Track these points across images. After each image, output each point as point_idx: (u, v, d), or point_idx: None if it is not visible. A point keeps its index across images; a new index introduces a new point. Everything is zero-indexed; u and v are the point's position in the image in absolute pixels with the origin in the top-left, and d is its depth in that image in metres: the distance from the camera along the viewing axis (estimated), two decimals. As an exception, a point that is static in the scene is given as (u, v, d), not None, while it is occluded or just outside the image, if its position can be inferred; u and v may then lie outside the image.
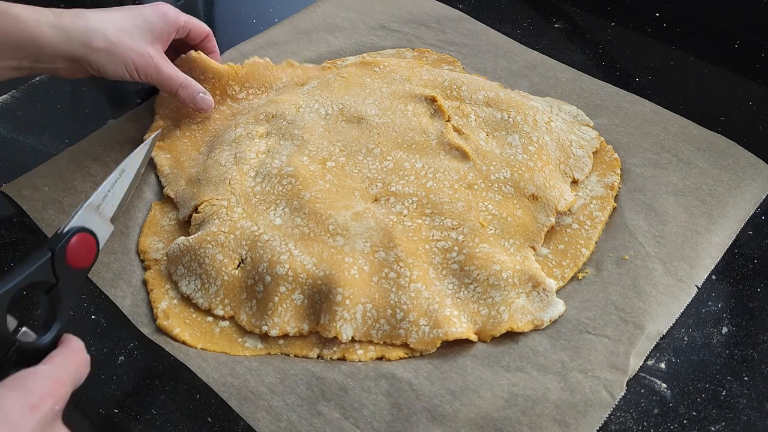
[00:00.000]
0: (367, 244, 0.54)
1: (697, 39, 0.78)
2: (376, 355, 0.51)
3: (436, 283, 0.53)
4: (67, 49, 0.58)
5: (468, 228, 0.55)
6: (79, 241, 0.43)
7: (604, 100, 0.69)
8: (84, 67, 0.60)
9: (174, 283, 0.55)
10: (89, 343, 0.53)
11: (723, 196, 0.60)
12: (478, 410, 0.47)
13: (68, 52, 0.58)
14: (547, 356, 0.50)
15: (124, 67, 0.61)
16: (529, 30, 0.80)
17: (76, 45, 0.58)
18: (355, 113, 0.64)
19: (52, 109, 0.71)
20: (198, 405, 0.49)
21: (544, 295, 0.53)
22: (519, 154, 0.60)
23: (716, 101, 0.71)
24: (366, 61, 0.71)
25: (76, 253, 0.43)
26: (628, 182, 0.61)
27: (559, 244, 0.57)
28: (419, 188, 0.58)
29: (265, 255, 0.54)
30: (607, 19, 0.81)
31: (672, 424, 0.47)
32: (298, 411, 0.48)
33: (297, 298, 0.53)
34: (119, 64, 0.61)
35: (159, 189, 0.63)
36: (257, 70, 0.71)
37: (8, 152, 0.66)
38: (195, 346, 0.52)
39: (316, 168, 0.60)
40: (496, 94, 0.66)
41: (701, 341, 0.52)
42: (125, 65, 0.61)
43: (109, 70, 0.61)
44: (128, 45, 0.61)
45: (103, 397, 0.50)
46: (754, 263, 0.57)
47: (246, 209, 0.57)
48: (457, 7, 0.82)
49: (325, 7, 0.82)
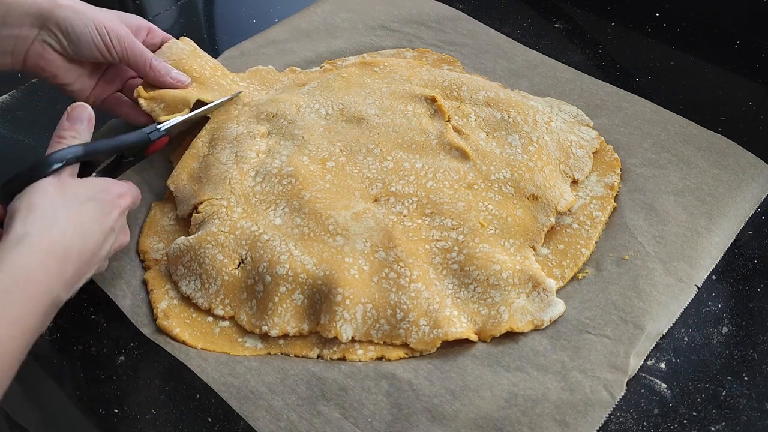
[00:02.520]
0: (367, 244, 0.54)
1: (697, 39, 0.78)
2: (376, 355, 0.51)
3: (436, 283, 0.53)
4: (34, 5, 0.56)
5: (468, 228, 0.55)
6: (162, 141, 0.59)
7: (604, 100, 0.69)
8: (50, 33, 0.57)
9: (174, 283, 0.55)
10: (89, 343, 0.53)
11: (723, 196, 0.60)
12: (478, 410, 0.47)
13: (35, 8, 0.56)
14: (547, 356, 0.50)
15: (94, 27, 0.58)
16: (529, 30, 0.80)
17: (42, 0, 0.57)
18: (355, 113, 0.64)
19: (52, 109, 0.71)
20: (198, 405, 0.49)
21: (544, 295, 0.53)
22: (519, 154, 0.60)
23: (716, 101, 0.71)
24: (366, 62, 0.71)
25: (154, 148, 0.59)
26: (628, 182, 0.61)
27: (559, 244, 0.57)
28: (419, 188, 0.58)
29: (265, 255, 0.54)
30: (607, 19, 0.81)
31: (672, 424, 0.47)
32: (298, 411, 0.48)
33: (297, 298, 0.53)
34: (89, 23, 0.58)
35: (159, 189, 0.63)
36: (259, 75, 0.71)
37: (8, 152, 0.66)
38: (195, 346, 0.52)
39: (316, 168, 0.60)
40: (496, 94, 0.66)
41: (701, 341, 0.52)
42: (95, 25, 0.58)
43: (78, 31, 0.57)
44: (97, 10, 0.59)
45: (103, 397, 0.50)
46: (754, 263, 0.57)
47: (246, 209, 0.57)
48: (457, 7, 0.82)
49: (325, 7, 0.82)
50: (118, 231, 0.51)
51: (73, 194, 0.48)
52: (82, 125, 0.52)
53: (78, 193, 0.48)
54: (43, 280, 0.43)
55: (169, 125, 0.59)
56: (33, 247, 0.43)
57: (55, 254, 0.44)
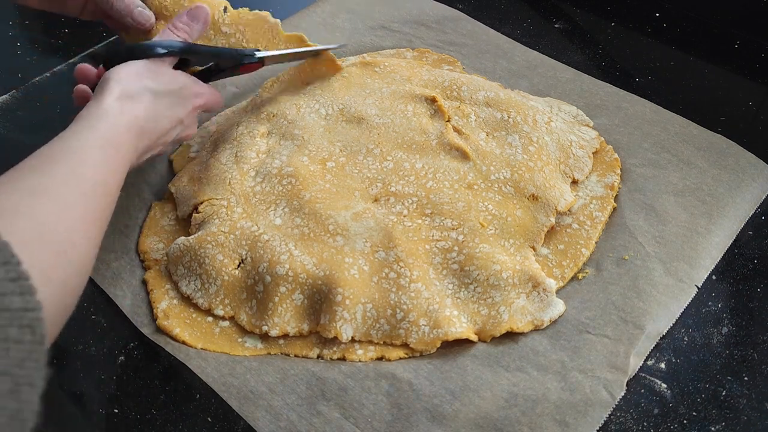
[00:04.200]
0: (367, 244, 0.54)
1: (697, 39, 0.78)
2: (376, 355, 0.51)
3: (436, 283, 0.53)
4: None
5: (468, 228, 0.55)
6: (254, 66, 0.62)
7: (604, 100, 0.69)
8: None
9: (174, 283, 0.55)
10: (89, 343, 0.53)
11: (723, 196, 0.60)
12: (478, 410, 0.47)
13: None
14: (547, 356, 0.50)
15: None
16: (529, 30, 0.80)
17: None
18: (355, 113, 0.64)
19: (52, 109, 0.71)
20: (198, 405, 0.49)
21: (544, 295, 0.53)
22: (519, 154, 0.60)
23: (716, 101, 0.71)
24: (366, 62, 0.71)
25: (247, 69, 0.62)
26: (628, 182, 0.61)
27: (559, 244, 0.57)
28: (419, 188, 0.58)
29: (265, 255, 0.54)
30: (607, 19, 0.81)
31: (672, 424, 0.47)
32: (298, 411, 0.48)
33: (297, 298, 0.53)
34: None
35: (159, 189, 0.63)
36: (259, 27, 0.66)
37: (8, 152, 0.66)
38: (195, 346, 0.52)
39: (316, 168, 0.60)
40: (496, 94, 0.66)
41: (701, 341, 0.52)
42: None
43: None
44: None
45: (103, 397, 0.50)
46: (754, 263, 0.57)
47: (246, 209, 0.57)
48: (457, 7, 0.82)
49: (325, 7, 0.82)
50: (187, 124, 0.57)
51: (159, 82, 0.53)
52: (197, 25, 0.59)
53: (164, 81, 0.54)
54: (124, 146, 0.49)
55: (264, 54, 0.62)
56: (117, 120, 0.49)
57: (132, 129, 0.50)
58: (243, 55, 0.61)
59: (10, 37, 0.81)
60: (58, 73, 0.75)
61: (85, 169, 0.45)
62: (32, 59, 0.78)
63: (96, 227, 0.44)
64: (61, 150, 0.45)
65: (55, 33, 0.81)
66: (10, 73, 0.76)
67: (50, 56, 0.79)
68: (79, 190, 0.43)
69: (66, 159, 0.45)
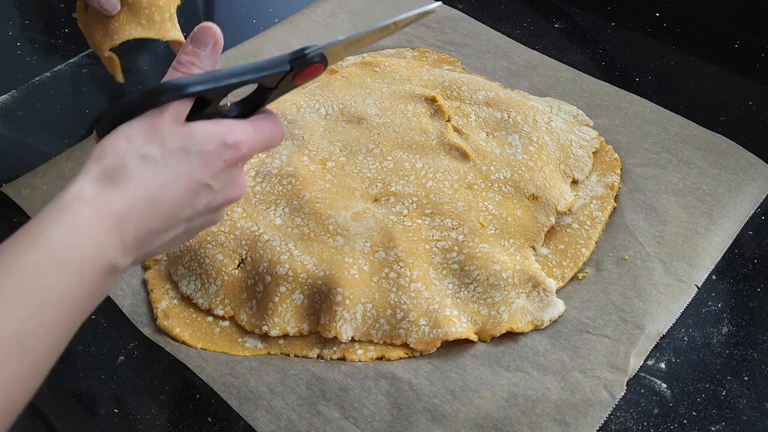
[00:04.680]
0: (367, 244, 0.54)
1: (697, 39, 0.78)
2: (376, 355, 0.51)
3: (436, 283, 0.53)
4: None
5: (468, 228, 0.55)
6: (313, 69, 0.43)
7: (604, 100, 0.69)
8: None
9: (174, 283, 0.55)
10: (89, 343, 0.53)
11: (723, 196, 0.60)
12: (478, 410, 0.47)
13: None
14: (547, 356, 0.50)
15: None
16: (529, 30, 0.80)
17: None
18: (355, 113, 0.64)
19: (52, 109, 0.71)
20: (198, 405, 0.49)
21: (544, 295, 0.53)
22: (519, 154, 0.60)
23: (716, 101, 0.71)
24: (366, 61, 0.71)
25: (305, 76, 0.44)
26: (628, 182, 0.61)
27: (559, 244, 0.57)
28: (419, 188, 0.58)
29: (265, 255, 0.54)
30: (607, 19, 0.81)
31: (672, 424, 0.47)
32: (298, 411, 0.48)
33: (297, 298, 0.53)
34: None
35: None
36: None
37: (8, 152, 0.66)
38: (195, 346, 0.52)
39: (316, 168, 0.60)
40: (496, 94, 0.66)
41: (701, 341, 0.52)
42: None
43: None
44: None
45: (103, 397, 0.50)
46: (754, 263, 0.57)
47: (246, 209, 0.57)
48: (457, 7, 0.82)
49: (325, 7, 0.82)
50: (222, 186, 0.40)
51: (159, 143, 0.38)
52: (205, 50, 0.42)
53: (166, 142, 0.38)
54: (90, 246, 0.35)
55: (319, 49, 0.44)
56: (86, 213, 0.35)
57: (106, 221, 0.36)
58: (290, 60, 0.43)
59: (10, 37, 0.81)
60: (58, 73, 0.75)
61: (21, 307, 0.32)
62: (32, 59, 0.78)
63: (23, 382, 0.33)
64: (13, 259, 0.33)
65: (55, 33, 0.81)
66: (10, 73, 0.76)
67: (50, 56, 0.79)
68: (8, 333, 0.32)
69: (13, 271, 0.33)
